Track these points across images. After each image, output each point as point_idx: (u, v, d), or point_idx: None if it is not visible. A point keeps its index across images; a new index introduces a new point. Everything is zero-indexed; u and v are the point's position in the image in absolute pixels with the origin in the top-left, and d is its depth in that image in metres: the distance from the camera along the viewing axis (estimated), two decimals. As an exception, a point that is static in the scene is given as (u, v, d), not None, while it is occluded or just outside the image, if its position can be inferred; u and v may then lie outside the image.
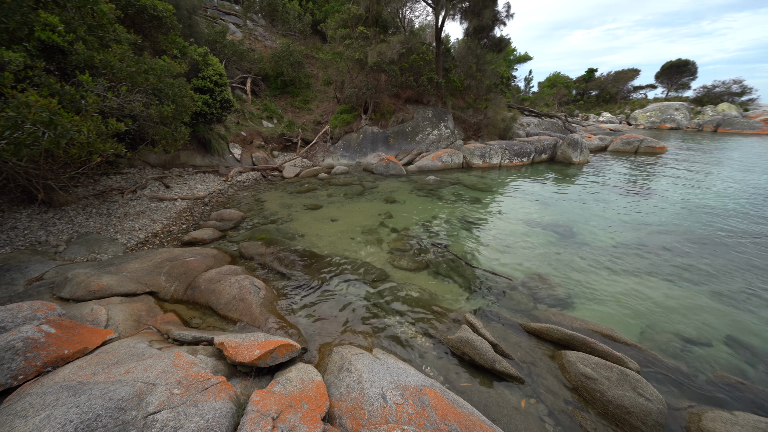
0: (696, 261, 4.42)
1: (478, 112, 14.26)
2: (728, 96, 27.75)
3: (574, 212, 6.61)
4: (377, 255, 4.70)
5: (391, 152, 12.51)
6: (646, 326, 3.15)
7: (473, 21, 12.28)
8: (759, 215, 6.21)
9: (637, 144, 14.08)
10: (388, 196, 7.77)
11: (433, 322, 3.17)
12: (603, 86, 35.58)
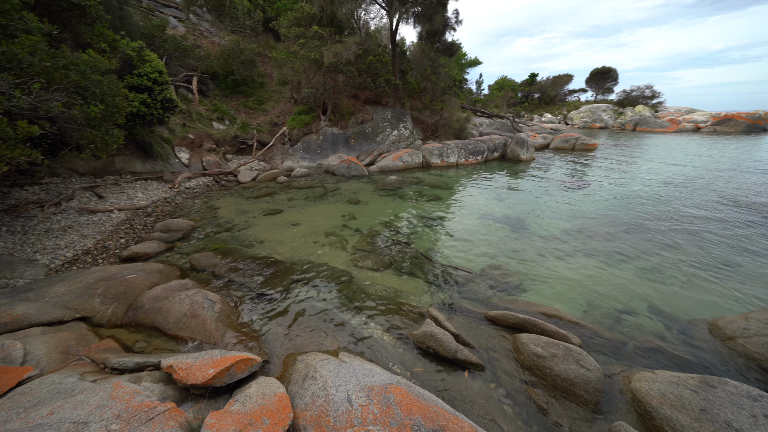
0: (623, 243, 5.04)
1: (434, 113, 14.78)
2: (643, 99, 32.12)
3: (524, 205, 7.15)
4: (341, 257, 4.65)
5: (353, 153, 12.46)
6: (586, 304, 3.52)
7: (425, 25, 12.71)
8: (670, 200, 7.26)
9: (574, 142, 15.67)
10: (351, 198, 7.72)
11: (399, 320, 3.22)
12: (544, 89, 39.03)
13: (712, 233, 5.39)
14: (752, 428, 1.78)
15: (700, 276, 4.04)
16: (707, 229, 5.59)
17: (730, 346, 2.79)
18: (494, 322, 3.14)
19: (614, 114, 31.30)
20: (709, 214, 6.37)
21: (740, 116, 25.16)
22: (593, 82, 38.04)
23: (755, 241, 5.05)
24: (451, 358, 2.57)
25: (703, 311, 3.35)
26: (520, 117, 30.32)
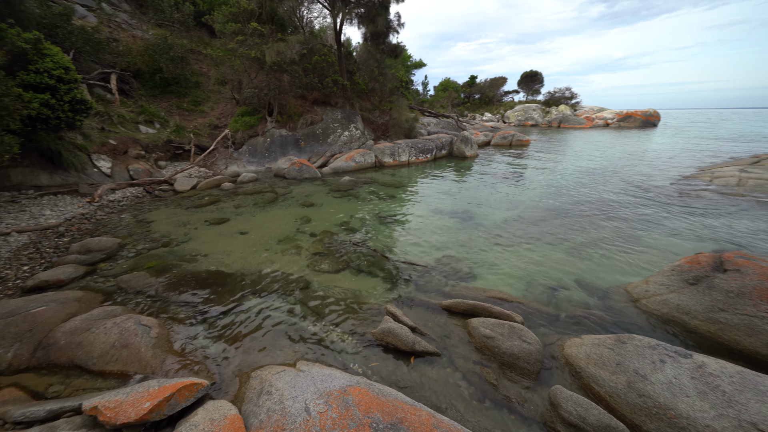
0: (553, 227, 5.69)
1: (384, 113, 15.03)
2: (564, 99, 36.49)
3: (471, 198, 7.65)
4: (297, 263, 4.50)
5: (304, 155, 12.10)
6: (526, 283, 3.90)
7: (369, 26, 12.85)
8: (588, 187, 8.37)
9: (510, 138, 17.18)
10: (305, 201, 7.50)
11: (359, 319, 3.22)
12: (483, 91, 42.08)
13: (620, 213, 6.34)
14: (653, 372, 2.15)
15: (613, 249, 4.73)
16: (617, 209, 6.56)
17: (637, 307, 3.32)
18: (449, 310, 3.31)
19: (542, 113, 35.02)
20: (618, 197, 7.48)
21: (637, 114, 29.95)
22: (524, 84, 42.09)
23: (652, 217, 6.07)
24: (410, 350, 2.65)
25: (618, 279, 3.93)
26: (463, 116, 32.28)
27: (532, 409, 2.25)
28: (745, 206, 6.50)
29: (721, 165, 10.37)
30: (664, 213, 6.28)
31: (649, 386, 2.08)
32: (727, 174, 8.63)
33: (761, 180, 7.93)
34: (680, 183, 8.53)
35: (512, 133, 17.68)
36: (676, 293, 3.14)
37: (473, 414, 2.24)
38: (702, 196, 7.24)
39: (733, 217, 5.91)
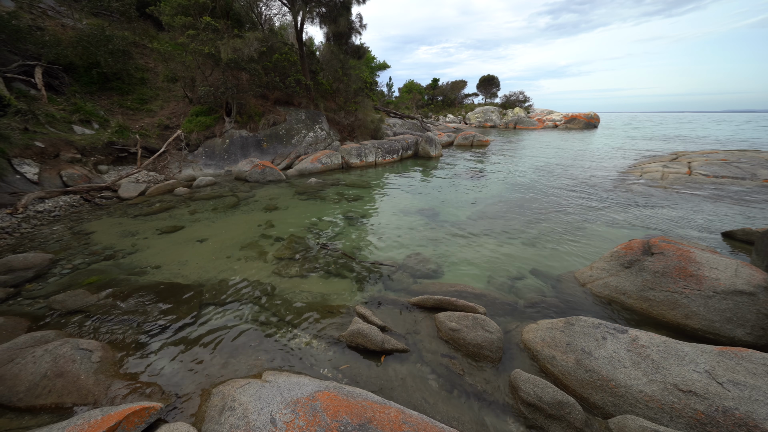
0: (512, 221, 6.07)
1: (349, 114, 14.95)
2: (519, 102, 39.11)
3: (436, 197, 7.89)
4: (261, 269, 4.32)
5: (267, 157, 11.64)
6: (488, 276, 4.12)
7: (331, 26, 12.72)
8: (541, 183, 9.06)
9: (472, 139, 18.02)
10: (268, 204, 7.22)
11: (328, 323, 3.18)
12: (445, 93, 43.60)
13: (569, 206, 6.94)
14: (596, 349, 2.39)
15: (564, 239, 5.17)
16: (566, 203, 7.18)
17: (584, 290, 3.66)
18: (418, 306, 3.39)
19: (500, 115, 37.18)
20: (567, 192, 8.19)
21: (580, 116, 32.96)
22: (482, 88, 44.34)
23: (594, 209, 6.72)
24: (380, 349, 2.68)
25: (567, 267, 4.30)
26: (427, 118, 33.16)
27: (496, 393, 2.39)
28: (667, 197, 7.46)
29: (648, 162, 11.80)
30: (605, 205, 6.99)
31: (594, 362, 2.32)
32: (653, 170, 9.84)
33: (678, 174, 9.15)
34: (616, 178, 9.55)
35: (473, 134, 18.53)
36: (614, 276, 3.52)
37: (443, 404, 2.32)
38: (634, 190, 8.18)
39: (659, 207, 6.75)
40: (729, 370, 2.07)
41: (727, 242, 4.95)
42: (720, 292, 2.89)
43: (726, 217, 6.09)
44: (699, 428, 1.88)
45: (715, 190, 7.84)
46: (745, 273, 3.03)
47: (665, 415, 1.98)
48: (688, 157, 11.40)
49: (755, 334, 2.69)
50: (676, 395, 2.01)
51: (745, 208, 6.56)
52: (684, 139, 22.12)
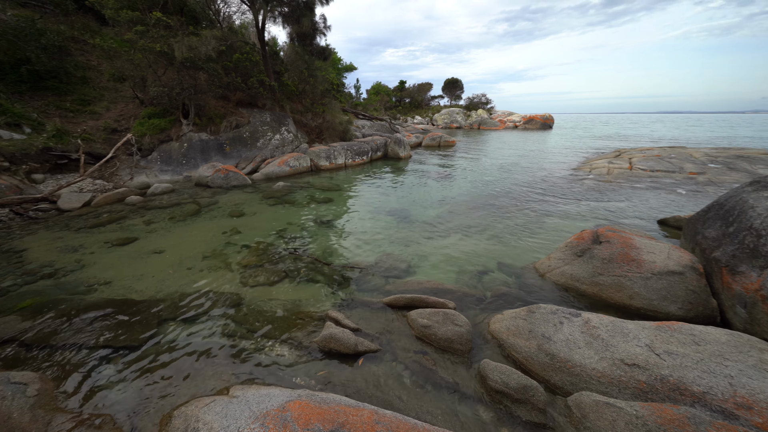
0: (478, 217, 6.35)
1: (317, 115, 14.73)
2: (481, 104, 40.98)
3: (406, 197, 8.02)
4: (227, 279, 4.11)
5: (230, 161, 11.12)
6: (458, 271, 4.27)
7: (294, 27, 12.46)
8: (504, 181, 9.56)
9: (439, 140, 18.56)
10: (233, 210, 6.89)
11: (300, 330, 3.11)
12: (412, 95, 44.47)
13: (529, 202, 7.40)
14: (554, 333, 2.58)
15: (525, 233, 5.50)
16: (526, 199, 7.64)
17: (544, 280, 3.92)
18: (390, 306, 3.43)
19: (465, 116, 38.67)
20: (527, 188, 8.71)
21: (537, 117, 35.23)
22: (447, 90, 45.84)
23: (551, 204, 7.23)
24: (354, 352, 2.67)
25: (529, 259, 4.58)
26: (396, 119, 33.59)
27: (467, 384, 2.49)
28: (613, 190, 8.22)
29: (596, 158, 12.92)
30: (560, 200, 7.54)
31: (553, 345, 2.50)
32: (600, 166, 10.79)
33: (621, 169, 10.13)
34: (569, 174, 10.34)
35: (440, 135, 19.09)
36: (569, 265, 3.82)
37: (416, 400, 2.37)
38: (584, 184, 8.91)
39: (606, 199, 7.42)
40: (664, 342, 2.33)
41: (662, 228, 5.57)
42: (656, 273, 3.25)
43: (661, 206, 6.85)
44: (642, 397, 2.09)
45: (651, 183, 8.77)
46: (675, 255, 3.43)
47: (614, 388, 2.18)
48: (629, 154, 12.65)
49: (685, 309, 3.06)
50: (623, 369, 2.22)
51: (676, 198, 7.42)
52: (625, 137, 24.51)
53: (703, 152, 12.18)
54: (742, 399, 1.88)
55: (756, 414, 1.79)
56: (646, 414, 1.92)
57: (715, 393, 1.94)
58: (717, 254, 3.24)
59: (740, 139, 22.93)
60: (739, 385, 1.95)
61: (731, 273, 2.96)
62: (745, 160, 10.47)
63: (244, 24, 16.46)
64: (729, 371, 2.05)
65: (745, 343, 2.26)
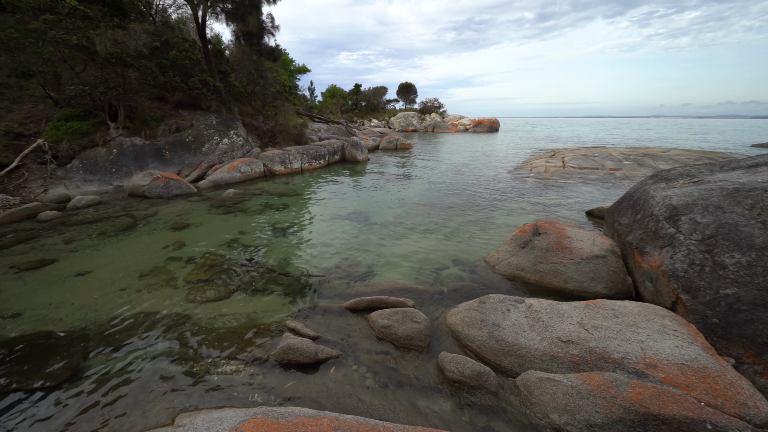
0: (434, 217, 6.62)
1: (269, 118, 14.12)
2: (434, 108, 42.81)
3: (365, 200, 8.06)
4: (170, 297, 3.75)
5: (171, 168, 10.15)
6: (417, 270, 4.41)
7: (240, 25, 11.83)
8: (457, 182, 10.11)
9: (396, 142, 18.98)
10: (176, 222, 6.31)
11: (256, 344, 2.95)
12: (368, 98, 44.86)
13: (479, 200, 7.91)
14: (503, 320, 2.80)
15: (477, 230, 5.87)
16: (477, 197, 8.17)
17: (494, 272, 4.23)
18: (351, 310, 3.41)
19: (419, 119, 40.06)
20: (477, 187, 9.31)
21: (485, 121, 37.82)
22: (402, 94, 47.11)
23: (499, 201, 7.82)
24: (314, 361, 2.61)
25: (481, 253, 4.89)
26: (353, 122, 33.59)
27: (427, 378, 2.58)
28: (550, 186, 9.15)
29: (535, 158, 14.28)
30: (506, 197, 8.19)
31: (502, 332, 2.71)
32: (539, 165, 11.95)
33: (556, 167, 11.34)
34: (513, 173, 11.29)
35: (397, 138, 19.52)
36: (515, 256, 4.17)
37: (379, 401, 2.39)
38: (526, 182, 9.79)
39: (544, 195, 8.24)
40: (591, 318, 2.66)
41: (589, 218, 6.35)
42: (584, 258, 3.69)
43: (588, 199, 7.80)
44: (576, 368, 2.36)
45: (580, 179, 9.94)
46: (599, 242, 3.94)
47: (554, 365, 2.44)
48: (562, 154, 14.20)
49: (608, 287, 3.53)
50: (560, 346, 2.49)
51: (600, 191, 8.50)
52: (559, 139, 27.45)
53: (619, 151, 14.14)
54: (650, 359, 2.22)
55: (660, 371, 2.14)
56: (579, 383, 2.18)
57: (631, 357, 2.26)
58: (629, 238, 3.79)
59: (645, 140, 27.06)
60: (648, 348, 2.30)
61: (640, 254, 3.49)
62: (650, 157, 12.39)
63: (182, 19, 15.20)
64: (640, 337, 2.41)
65: (651, 312, 2.67)
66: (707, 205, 3.12)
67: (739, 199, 2.99)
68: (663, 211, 3.43)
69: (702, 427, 1.84)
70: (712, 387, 2.00)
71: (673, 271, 2.95)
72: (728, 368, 2.15)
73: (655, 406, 1.93)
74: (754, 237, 2.67)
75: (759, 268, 2.50)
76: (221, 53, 14.68)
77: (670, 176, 4.21)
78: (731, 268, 2.62)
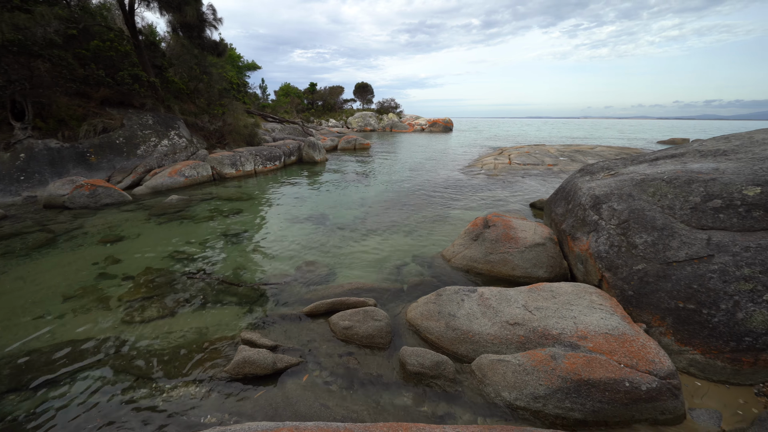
0: (394, 215, 6.75)
1: (215, 118, 13.16)
2: (392, 108, 43.48)
3: (324, 202, 7.92)
4: (103, 319, 3.33)
5: (98, 174, 8.98)
6: (378, 268, 4.46)
7: (176, 15, 10.83)
8: (416, 179, 10.40)
9: (354, 142, 18.92)
10: (108, 235, 5.60)
11: (209, 362, 2.75)
12: (324, 98, 44.05)
13: (436, 197, 8.24)
14: (458, 310, 2.97)
15: (434, 226, 6.11)
16: (434, 194, 8.49)
17: (450, 265, 4.44)
18: (312, 315, 3.34)
19: (377, 119, 40.39)
20: (434, 185, 9.68)
21: (440, 121, 39.37)
22: (358, 94, 47.05)
23: (454, 197, 8.22)
24: (272, 372, 2.51)
25: (438, 248, 5.11)
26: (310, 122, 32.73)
27: (389, 374, 2.63)
28: (498, 182, 9.86)
29: (485, 156, 15.27)
30: (460, 193, 8.64)
31: (457, 321, 2.86)
32: (489, 162, 12.80)
33: (504, 164, 12.25)
34: (466, 171, 11.95)
35: (355, 138, 19.45)
36: (468, 249, 4.43)
37: (343, 403, 2.38)
38: (478, 179, 10.43)
39: (494, 190, 8.85)
40: (533, 300, 2.94)
41: (532, 210, 6.97)
42: (528, 246, 4.06)
43: (531, 192, 8.55)
44: (522, 348, 2.59)
45: (524, 174, 10.86)
46: (539, 231, 4.35)
47: (503, 346, 2.64)
48: (509, 152, 15.37)
49: (548, 271, 3.92)
50: (508, 329, 2.71)
51: (541, 185, 9.37)
52: (506, 138, 29.64)
53: (556, 148, 15.70)
54: (581, 332, 2.52)
55: (589, 341, 2.44)
56: (525, 361, 2.39)
57: (566, 332, 2.55)
58: (564, 226, 4.25)
59: (576, 138, 30.43)
60: (579, 323, 2.61)
61: (573, 239, 3.93)
62: (581, 153, 13.97)
63: (105, 5, 13.46)
64: (573, 314, 2.72)
65: (582, 290, 3.03)
66: (621, 194, 3.62)
67: (645, 188, 3.52)
68: (588, 201, 3.90)
69: (622, 385, 2.14)
70: (628, 350, 2.33)
71: (597, 252, 3.38)
72: (640, 333, 2.53)
73: (586, 372, 2.20)
74: (656, 219, 3.16)
75: (660, 245, 2.98)
76: (156, 45, 13.28)
77: (593, 170, 4.80)
78: (640, 247, 3.07)
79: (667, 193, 3.32)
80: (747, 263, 2.53)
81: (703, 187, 3.14)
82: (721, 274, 2.57)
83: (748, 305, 2.41)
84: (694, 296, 2.61)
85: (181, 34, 12.54)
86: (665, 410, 2.16)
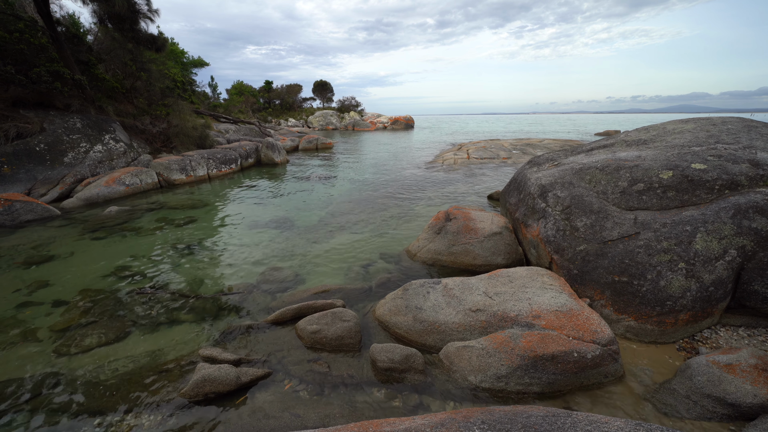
0: (360, 214, 6.73)
1: (159, 119, 12.05)
2: (353, 107, 43.14)
3: (287, 204, 7.65)
4: (29, 354, 2.90)
5: (15, 187, 7.78)
6: (346, 269, 4.42)
7: (102, 5, 9.68)
8: (380, 177, 10.46)
9: (316, 142, 18.49)
10: (31, 256, 4.89)
11: (163, 385, 2.53)
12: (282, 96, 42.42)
13: (400, 194, 8.36)
14: (424, 302, 3.05)
15: (399, 223, 6.20)
16: (398, 191, 8.61)
17: (416, 260, 4.55)
18: (278, 323, 3.22)
19: (339, 118, 39.87)
20: (398, 182, 9.81)
21: (401, 119, 39.92)
22: (318, 92, 45.99)
23: (417, 193, 8.41)
24: (236, 387, 2.38)
25: (404, 244, 5.19)
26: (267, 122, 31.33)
27: (360, 373, 2.63)
28: (458, 176, 10.28)
29: (446, 152, 15.82)
30: (423, 189, 8.86)
31: (424, 313, 2.94)
32: (449, 158, 13.28)
33: (463, 159, 12.79)
34: (428, 167, 12.28)
35: (317, 137, 19.00)
36: (432, 242, 4.56)
37: (315, 409, 2.33)
38: (440, 174, 10.78)
39: (455, 184, 9.21)
40: (493, 286, 3.12)
41: (490, 202, 7.37)
42: (486, 236, 4.29)
43: (489, 184, 9.03)
44: (485, 332, 2.74)
45: (482, 167, 11.44)
46: (496, 220, 4.62)
47: (468, 333, 2.77)
48: (467, 147, 16.07)
49: (506, 258, 4.17)
50: (471, 316, 2.85)
51: (497, 177, 9.94)
52: (464, 133, 30.95)
53: (509, 142, 16.73)
54: (535, 312, 2.73)
55: (542, 319, 2.65)
56: (487, 344, 2.53)
57: (523, 313, 2.74)
58: (517, 215, 4.56)
59: (527, 132, 32.72)
60: (534, 303, 2.82)
61: (525, 226, 4.23)
62: (531, 146, 15.04)
63: (10, -9, 11.57)
64: (528, 295, 2.93)
65: (535, 273, 3.28)
66: (564, 182, 3.97)
67: (582, 176, 3.89)
68: (536, 190, 4.22)
69: (571, 356, 2.36)
70: (575, 324, 2.58)
71: (546, 237, 3.67)
72: (585, 307, 2.81)
73: (541, 348, 2.39)
74: (593, 204, 3.52)
75: (597, 227, 3.32)
76: (80, 38, 11.74)
77: (540, 161, 5.20)
78: (581, 229, 3.40)
79: (601, 179, 3.71)
80: (665, 237, 2.92)
81: (629, 173, 3.55)
82: (646, 249, 2.94)
83: (667, 274, 2.79)
84: (627, 270, 2.96)
85: (111, 26, 11.24)
86: (608, 373, 2.42)
